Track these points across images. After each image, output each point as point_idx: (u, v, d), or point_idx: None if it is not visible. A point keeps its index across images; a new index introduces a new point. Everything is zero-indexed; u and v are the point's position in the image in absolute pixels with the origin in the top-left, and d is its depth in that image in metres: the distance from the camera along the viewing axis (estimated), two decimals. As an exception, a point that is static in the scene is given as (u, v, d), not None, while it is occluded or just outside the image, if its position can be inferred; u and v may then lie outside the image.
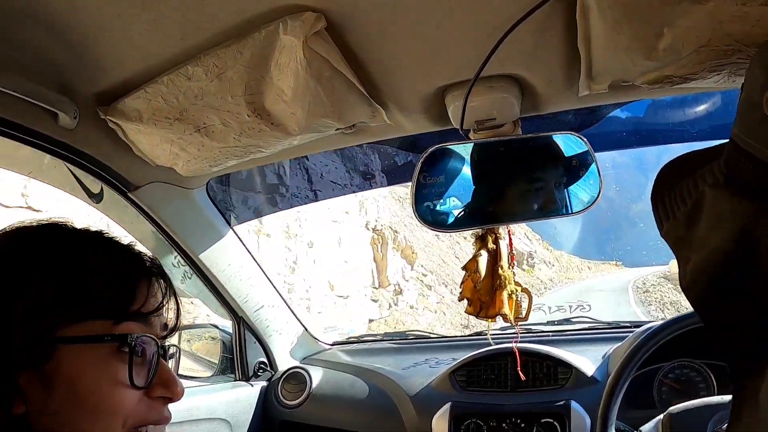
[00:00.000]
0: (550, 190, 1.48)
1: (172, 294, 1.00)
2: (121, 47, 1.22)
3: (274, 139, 1.40)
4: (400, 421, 2.24)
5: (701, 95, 1.73)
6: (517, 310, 1.63)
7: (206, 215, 2.08)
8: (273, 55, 1.17)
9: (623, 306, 23.69)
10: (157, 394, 0.95)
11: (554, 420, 2.00)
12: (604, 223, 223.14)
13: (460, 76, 1.31)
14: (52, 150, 1.47)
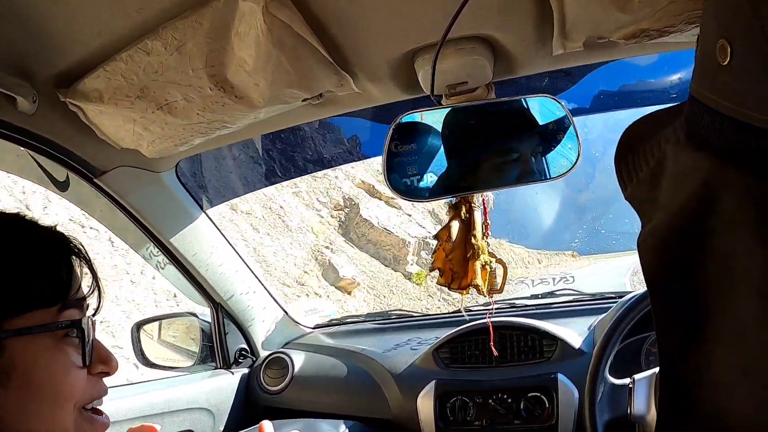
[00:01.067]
0: (528, 156, 1.44)
1: (95, 274, 1.02)
2: (77, 23, 1.18)
3: (239, 112, 1.36)
4: (385, 401, 2.22)
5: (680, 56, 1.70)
6: (492, 281, 1.59)
7: (177, 199, 2.04)
8: (233, 24, 1.13)
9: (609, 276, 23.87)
10: (97, 370, 0.98)
11: (541, 393, 1.99)
12: (555, 212, 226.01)
13: (429, 38, 1.26)
14: (13, 137, 1.43)
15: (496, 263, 1.59)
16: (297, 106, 1.42)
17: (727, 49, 0.54)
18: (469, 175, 1.46)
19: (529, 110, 1.44)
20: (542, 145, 1.44)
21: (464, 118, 1.44)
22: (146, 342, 2.46)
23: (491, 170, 1.45)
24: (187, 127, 1.42)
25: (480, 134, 1.44)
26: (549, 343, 2.11)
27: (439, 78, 1.32)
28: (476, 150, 1.46)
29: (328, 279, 17.43)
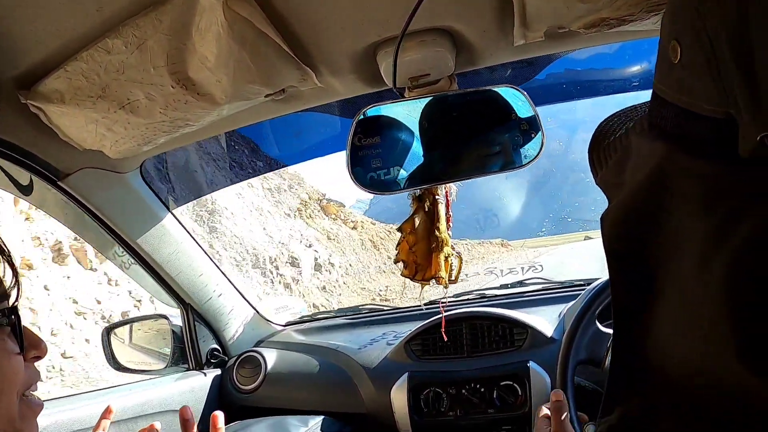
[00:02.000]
0: (492, 147, 1.45)
1: (14, 267, 1.02)
2: (37, 24, 1.15)
3: (202, 110, 1.35)
4: (359, 396, 2.23)
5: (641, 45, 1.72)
6: (451, 273, 1.61)
7: (142, 200, 2.01)
8: (193, 20, 1.13)
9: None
10: (31, 355, 0.99)
11: (514, 382, 2.00)
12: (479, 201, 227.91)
13: (390, 31, 1.26)
14: None
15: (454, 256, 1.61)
16: (260, 102, 1.41)
17: (677, 49, 0.62)
18: (434, 167, 1.47)
19: (493, 101, 1.45)
20: (506, 135, 1.45)
21: (427, 109, 1.44)
22: (117, 346, 2.43)
23: (456, 161, 1.45)
24: (150, 126, 1.41)
25: (444, 126, 1.45)
26: (520, 331, 2.13)
27: (401, 70, 1.33)
28: (441, 142, 1.46)
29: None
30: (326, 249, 22.15)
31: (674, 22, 0.64)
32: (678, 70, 0.63)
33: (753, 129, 0.54)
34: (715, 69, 0.57)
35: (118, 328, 2.49)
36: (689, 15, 0.59)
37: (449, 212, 1.59)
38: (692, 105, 0.62)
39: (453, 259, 1.60)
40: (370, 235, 25.85)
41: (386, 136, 1.42)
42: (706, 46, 0.57)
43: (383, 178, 1.42)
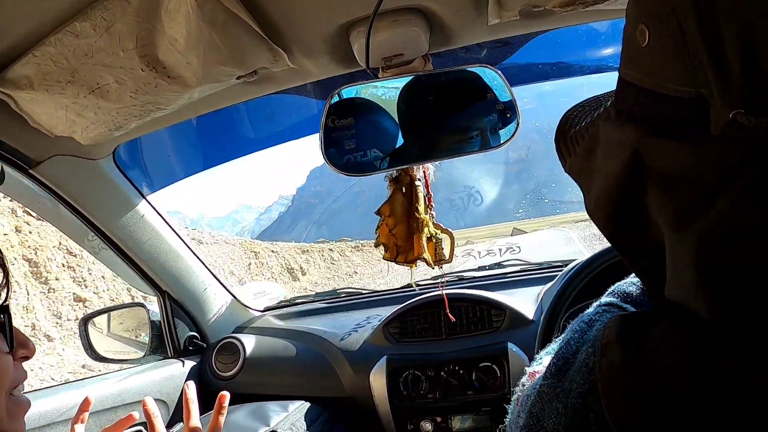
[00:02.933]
0: (469, 126, 1.44)
1: (6, 268, 1.04)
2: (4, 9, 1.13)
3: (173, 93, 1.33)
4: (338, 380, 2.23)
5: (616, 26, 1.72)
6: (439, 253, 1.60)
7: (116, 186, 1.99)
8: (162, 1, 1.11)
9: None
10: (20, 355, 1.01)
11: (492, 363, 2.01)
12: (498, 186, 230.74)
13: (363, 11, 1.25)
14: None
15: (442, 234, 1.60)
16: (232, 84, 1.40)
17: (645, 33, 0.65)
18: (410, 148, 1.46)
19: (468, 81, 1.44)
20: (482, 115, 1.45)
21: (405, 90, 1.44)
22: (95, 335, 2.42)
23: (432, 142, 1.45)
24: (121, 110, 1.39)
25: (419, 106, 1.44)
26: (497, 313, 2.13)
27: (374, 51, 1.32)
28: (416, 122, 1.46)
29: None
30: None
31: (641, 6, 0.67)
32: (646, 54, 0.66)
33: (724, 107, 0.57)
34: (684, 50, 0.60)
35: (95, 317, 2.47)
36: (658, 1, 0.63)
37: (429, 192, 1.59)
38: (661, 87, 0.65)
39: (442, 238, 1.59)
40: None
41: (360, 117, 1.41)
42: (675, 29, 0.60)
43: (358, 159, 1.41)
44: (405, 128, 1.45)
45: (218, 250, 21.65)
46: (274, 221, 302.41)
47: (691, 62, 0.60)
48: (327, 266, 26.55)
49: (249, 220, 77.56)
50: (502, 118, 1.43)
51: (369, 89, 1.42)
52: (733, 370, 0.58)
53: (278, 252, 24.61)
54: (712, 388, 0.60)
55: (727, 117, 0.57)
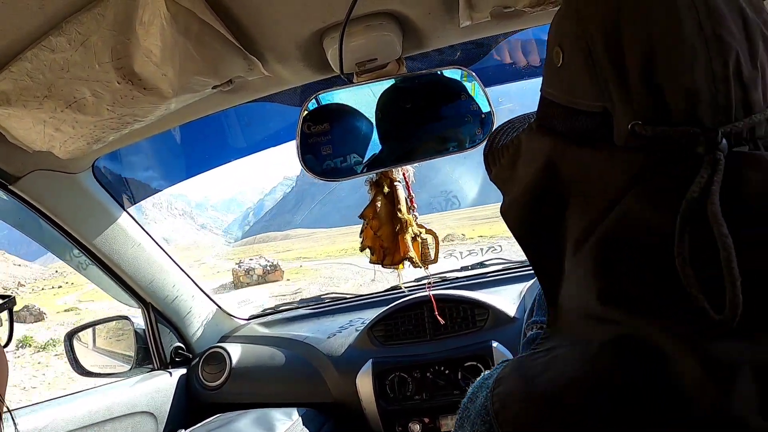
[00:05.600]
0: (443, 128, 1.46)
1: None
2: None
3: (150, 105, 1.33)
4: (325, 385, 2.23)
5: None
6: (426, 253, 1.61)
7: (96, 200, 1.99)
8: (136, 14, 1.11)
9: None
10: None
11: (478, 362, 2.02)
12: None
13: (335, 17, 1.25)
14: None
15: (426, 234, 1.61)
16: (208, 94, 1.40)
17: (560, 54, 0.74)
18: (387, 151, 1.47)
19: (442, 83, 1.46)
20: (457, 116, 1.46)
21: (380, 94, 1.45)
22: (81, 350, 2.40)
23: (409, 145, 1.46)
24: (99, 124, 1.39)
25: (395, 110, 1.45)
26: (481, 312, 2.15)
27: (348, 56, 1.33)
28: (392, 125, 1.47)
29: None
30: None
31: (557, 30, 0.76)
32: (561, 73, 0.75)
33: (624, 119, 0.66)
34: (592, 69, 0.69)
35: (80, 332, 2.45)
36: (570, 23, 0.72)
37: (411, 193, 1.60)
38: (575, 102, 0.73)
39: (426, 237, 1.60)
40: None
41: (336, 122, 1.42)
42: (585, 50, 0.69)
43: (334, 165, 1.42)
44: (381, 132, 1.46)
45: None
46: (278, 202, 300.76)
47: (597, 79, 0.68)
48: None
49: (253, 201, 78.10)
50: (477, 118, 1.44)
51: (344, 94, 1.42)
52: (615, 385, 0.62)
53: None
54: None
55: (626, 127, 0.65)
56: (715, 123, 0.62)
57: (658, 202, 0.63)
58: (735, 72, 0.62)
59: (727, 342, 0.57)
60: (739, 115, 0.63)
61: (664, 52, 0.63)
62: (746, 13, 0.64)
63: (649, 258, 0.63)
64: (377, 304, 2.58)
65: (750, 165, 0.62)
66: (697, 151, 0.62)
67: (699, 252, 0.59)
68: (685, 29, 0.62)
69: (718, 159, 0.60)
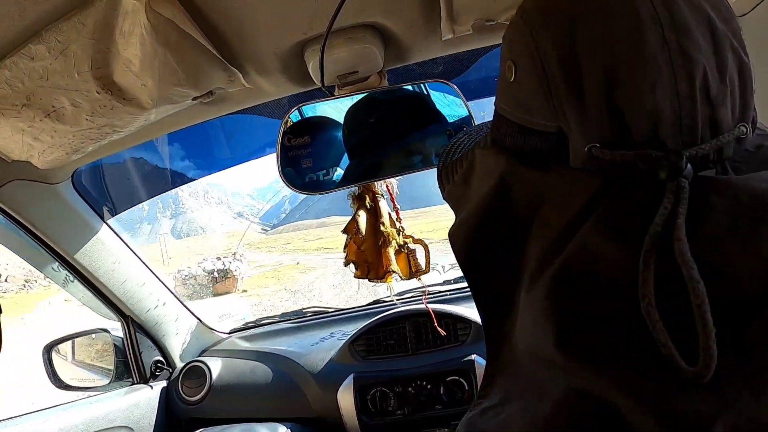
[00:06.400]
0: (425, 141, 1.45)
1: None
2: None
3: (129, 115, 1.32)
4: (306, 400, 2.22)
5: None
6: (415, 264, 1.60)
7: (76, 211, 1.97)
8: (116, 23, 1.10)
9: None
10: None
11: (460, 377, 2.01)
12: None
13: (317, 29, 1.25)
14: None
15: (414, 244, 1.60)
16: (188, 105, 1.39)
17: (512, 68, 0.71)
18: (370, 164, 1.46)
19: (425, 96, 1.46)
20: (439, 129, 1.46)
21: (359, 106, 1.44)
22: (59, 363, 2.37)
23: (392, 157, 1.45)
24: (77, 133, 1.37)
25: (379, 122, 1.45)
26: (463, 326, 2.15)
27: (329, 68, 1.32)
28: (375, 138, 1.46)
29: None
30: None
31: (511, 44, 0.73)
32: (514, 88, 0.72)
33: (581, 141, 0.64)
34: (546, 88, 0.66)
35: (59, 344, 2.42)
36: (524, 38, 0.69)
37: (396, 205, 1.59)
38: (528, 121, 0.71)
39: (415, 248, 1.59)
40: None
41: (316, 135, 1.41)
42: (539, 67, 0.66)
43: (316, 178, 1.41)
44: (362, 145, 1.45)
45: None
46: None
47: (551, 98, 0.66)
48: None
49: (289, 189, 77.99)
50: (458, 131, 1.44)
51: (324, 107, 1.42)
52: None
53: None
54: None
55: (583, 150, 0.63)
56: (680, 144, 0.60)
57: (617, 233, 0.59)
58: (702, 89, 0.59)
59: (691, 395, 0.52)
60: (705, 135, 0.60)
61: (624, 69, 0.60)
62: (714, 23, 0.61)
63: (609, 297, 0.58)
64: (359, 318, 2.57)
65: (716, 191, 0.59)
66: (658, 177, 0.59)
67: (663, 284, 0.55)
68: (648, 44, 0.59)
69: (682, 186, 0.57)
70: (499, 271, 0.71)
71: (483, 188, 0.74)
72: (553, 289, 0.61)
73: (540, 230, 0.66)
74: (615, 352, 0.56)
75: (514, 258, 0.69)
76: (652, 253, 0.55)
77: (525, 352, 0.67)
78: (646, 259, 0.55)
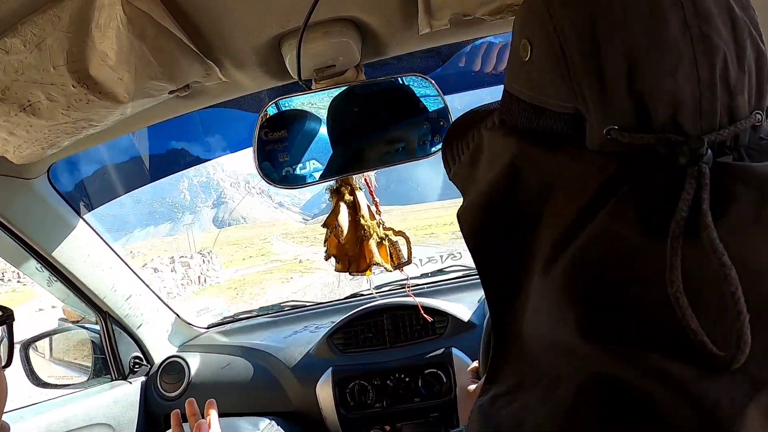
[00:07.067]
0: (404, 134, 1.46)
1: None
2: None
3: (105, 109, 1.31)
4: (285, 394, 2.23)
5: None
6: (397, 255, 1.61)
7: (51, 206, 1.95)
8: (92, 16, 1.09)
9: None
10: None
11: (438, 369, 2.03)
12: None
13: (294, 22, 1.24)
14: None
15: (395, 236, 1.61)
16: (165, 99, 1.38)
17: (528, 47, 0.68)
18: (348, 158, 1.47)
19: (401, 90, 1.46)
20: (415, 123, 1.46)
21: (338, 101, 1.44)
22: (37, 361, 2.35)
23: (370, 151, 1.45)
24: (53, 128, 1.36)
25: (356, 116, 1.45)
26: (440, 319, 2.17)
27: (306, 62, 1.32)
28: (353, 132, 1.46)
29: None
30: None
31: (525, 22, 0.70)
32: (528, 68, 0.69)
33: (599, 123, 0.62)
34: (564, 67, 0.64)
35: (36, 342, 2.40)
36: (540, 16, 0.66)
37: (374, 198, 1.60)
38: (542, 102, 0.68)
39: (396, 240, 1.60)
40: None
41: (293, 129, 1.41)
42: (556, 46, 0.64)
43: (293, 172, 1.41)
44: (339, 139, 1.46)
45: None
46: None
47: (570, 79, 0.63)
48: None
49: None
50: (434, 124, 1.45)
51: (302, 101, 1.42)
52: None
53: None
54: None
55: (601, 132, 0.61)
56: (698, 130, 0.59)
57: (640, 218, 0.57)
58: (722, 76, 0.58)
59: (724, 381, 0.52)
60: (723, 122, 0.59)
61: (645, 52, 0.58)
62: (734, 10, 0.60)
63: (632, 283, 0.57)
64: (336, 312, 2.59)
65: (737, 178, 0.58)
66: (678, 162, 0.57)
67: (689, 273, 0.53)
68: (670, 28, 0.58)
69: (703, 172, 0.56)
70: (507, 254, 0.70)
71: (492, 170, 0.72)
72: (572, 276, 0.60)
73: (553, 214, 0.65)
74: (641, 338, 0.55)
75: (524, 241, 0.68)
76: (679, 239, 0.54)
77: (537, 339, 0.65)
78: (673, 245, 0.54)
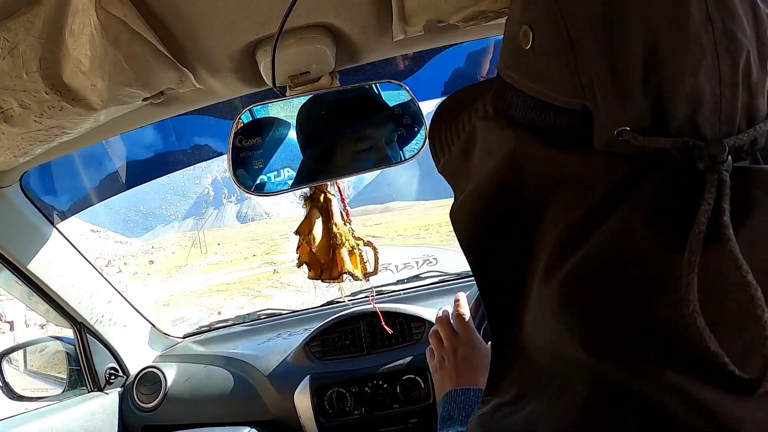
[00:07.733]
0: (379, 141, 1.46)
1: None
2: None
3: (78, 116, 1.30)
4: (263, 403, 2.21)
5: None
6: (364, 266, 1.61)
7: (24, 215, 1.94)
8: (66, 22, 1.08)
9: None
10: None
11: (415, 375, 2.04)
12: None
13: (268, 29, 1.24)
14: None
15: (364, 246, 1.61)
16: (139, 106, 1.37)
17: (529, 35, 0.62)
18: (323, 165, 1.47)
19: (377, 96, 1.47)
20: (392, 129, 1.47)
21: (311, 107, 1.44)
22: (11, 374, 2.32)
23: (344, 158, 1.46)
24: (26, 135, 1.35)
25: (330, 123, 1.45)
26: (417, 325, 2.17)
27: (280, 69, 1.32)
28: (328, 139, 1.46)
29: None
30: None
31: (527, 7, 0.63)
32: (530, 57, 0.63)
33: (610, 122, 0.56)
34: (572, 57, 0.57)
35: (10, 353, 2.38)
36: (545, 1, 0.60)
37: (346, 206, 1.60)
38: (545, 95, 0.63)
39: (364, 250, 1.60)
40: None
41: (268, 136, 1.41)
42: (563, 33, 0.58)
43: (267, 179, 1.41)
44: (313, 146, 1.46)
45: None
46: (378, 175, 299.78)
47: (578, 71, 0.58)
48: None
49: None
50: (409, 131, 1.45)
51: (276, 108, 1.42)
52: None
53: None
54: None
55: (612, 132, 0.56)
56: (717, 133, 0.54)
57: (653, 227, 0.53)
58: (744, 75, 0.54)
59: (746, 401, 0.49)
60: (742, 124, 0.55)
61: (665, 46, 0.53)
62: (756, 4, 0.55)
63: (642, 293, 0.53)
64: (312, 320, 2.57)
65: (758, 185, 0.53)
66: (696, 167, 0.53)
67: (705, 286, 0.50)
68: (693, 20, 0.52)
69: (723, 180, 0.51)
70: (505, 257, 0.66)
71: (488, 166, 0.68)
72: (578, 282, 0.56)
73: (557, 216, 0.60)
74: (653, 354, 0.51)
75: (523, 244, 0.64)
76: (697, 255, 0.49)
77: (539, 346, 0.62)
78: (690, 260, 0.49)
